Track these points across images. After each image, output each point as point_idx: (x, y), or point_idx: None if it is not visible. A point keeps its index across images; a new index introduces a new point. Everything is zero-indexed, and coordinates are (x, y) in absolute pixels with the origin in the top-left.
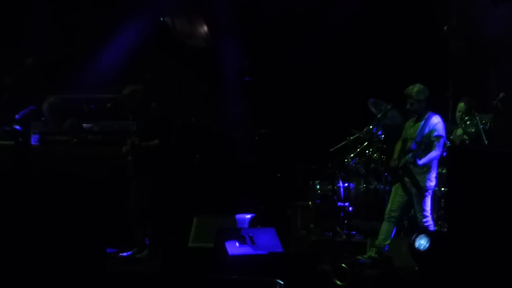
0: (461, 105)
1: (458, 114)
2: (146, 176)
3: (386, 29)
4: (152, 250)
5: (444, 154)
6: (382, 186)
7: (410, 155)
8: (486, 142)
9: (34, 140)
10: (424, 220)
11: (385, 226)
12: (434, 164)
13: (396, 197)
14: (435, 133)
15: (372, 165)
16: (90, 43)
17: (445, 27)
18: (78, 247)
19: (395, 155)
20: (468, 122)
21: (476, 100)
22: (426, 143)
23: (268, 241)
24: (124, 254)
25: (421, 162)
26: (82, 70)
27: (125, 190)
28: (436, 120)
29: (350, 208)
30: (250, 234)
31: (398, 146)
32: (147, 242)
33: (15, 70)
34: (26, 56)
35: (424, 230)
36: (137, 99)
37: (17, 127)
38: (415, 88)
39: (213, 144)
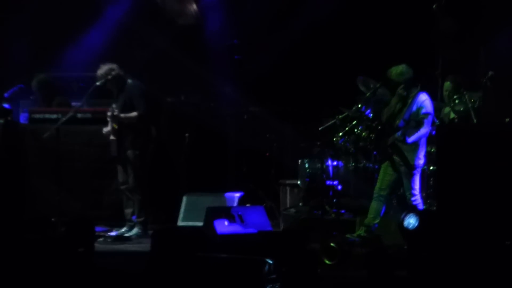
0: (447, 84)
1: (445, 93)
2: (129, 151)
3: (376, 7)
4: (141, 228)
5: (433, 132)
6: (371, 165)
7: (399, 133)
8: (475, 120)
9: (23, 118)
10: (413, 198)
11: (374, 204)
12: (423, 142)
13: (385, 176)
14: (423, 110)
15: (361, 143)
16: (79, 21)
17: (434, 5)
18: (67, 225)
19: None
20: (457, 101)
21: (465, 78)
22: (415, 121)
23: (257, 219)
24: (114, 233)
25: (410, 139)
26: (72, 48)
27: (114, 169)
28: (423, 98)
29: (339, 187)
30: (239, 213)
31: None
32: (134, 219)
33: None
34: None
35: (413, 209)
36: (113, 77)
37: (6, 105)
38: (393, 70)
39: (202, 122)
